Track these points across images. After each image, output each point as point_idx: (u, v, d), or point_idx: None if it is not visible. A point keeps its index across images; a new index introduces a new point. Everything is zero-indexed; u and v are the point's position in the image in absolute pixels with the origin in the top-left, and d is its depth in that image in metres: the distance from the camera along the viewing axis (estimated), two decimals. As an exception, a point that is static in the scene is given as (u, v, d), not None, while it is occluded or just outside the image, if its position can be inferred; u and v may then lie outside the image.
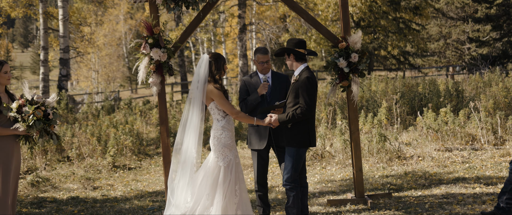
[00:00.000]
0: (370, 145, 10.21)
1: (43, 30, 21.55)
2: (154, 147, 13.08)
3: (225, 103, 5.78)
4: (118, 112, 17.77)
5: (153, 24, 7.03)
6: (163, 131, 7.30)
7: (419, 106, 13.28)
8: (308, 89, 5.86)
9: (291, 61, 6.09)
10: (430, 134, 10.84)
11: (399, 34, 30.72)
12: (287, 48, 6.08)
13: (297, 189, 5.99)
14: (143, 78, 7.06)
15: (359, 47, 7.14)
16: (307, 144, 5.99)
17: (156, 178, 10.39)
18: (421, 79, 21.59)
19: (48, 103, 6.06)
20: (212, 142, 5.83)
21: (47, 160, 11.43)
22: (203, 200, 5.71)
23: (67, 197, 8.93)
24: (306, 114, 5.85)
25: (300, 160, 6.02)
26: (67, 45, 21.03)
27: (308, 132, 5.97)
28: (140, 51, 7.07)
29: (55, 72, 47.29)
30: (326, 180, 9.16)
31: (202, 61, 5.88)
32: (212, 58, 5.85)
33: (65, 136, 12.52)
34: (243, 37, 24.53)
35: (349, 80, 7.25)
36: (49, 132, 5.99)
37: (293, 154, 5.97)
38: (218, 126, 5.84)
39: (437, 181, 8.45)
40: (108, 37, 42.09)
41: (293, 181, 5.99)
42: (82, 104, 25.52)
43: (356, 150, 7.41)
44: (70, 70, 22.36)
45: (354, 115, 7.43)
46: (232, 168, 5.79)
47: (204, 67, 5.82)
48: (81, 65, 41.80)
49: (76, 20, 26.26)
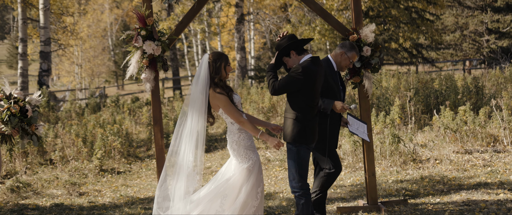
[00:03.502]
0: (382, 147, 10.20)
1: (22, 20, 21.54)
2: (144, 149, 13.06)
3: (232, 111, 5.75)
4: (104, 110, 17.74)
5: (146, 14, 6.99)
6: (156, 131, 7.27)
7: (435, 104, 13.25)
8: (291, 75, 5.80)
9: (294, 58, 5.99)
10: (447, 135, 10.82)
11: (412, 25, 30.66)
12: (286, 47, 5.98)
13: (308, 196, 5.96)
14: (133, 74, 7.01)
15: (371, 40, 7.13)
16: (303, 140, 5.90)
17: (148, 183, 10.37)
18: (436, 74, 21.59)
19: (30, 100, 6.03)
20: (232, 147, 5.83)
21: (28, 163, 11.41)
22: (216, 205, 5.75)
23: (50, 204, 8.90)
24: (270, 89, 5.85)
25: (303, 162, 5.94)
26: (48, 37, 21.00)
27: (305, 129, 5.89)
28: (132, 44, 7.02)
29: (34, 66, 47.18)
30: (335, 185, 9.14)
31: (202, 61, 5.87)
32: (211, 58, 5.82)
33: (48, 137, 12.49)
34: (241, 28, 24.51)
35: (361, 76, 7.23)
36: (28, 132, 5.96)
37: (293, 156, 5.94)
38: (233, 129, 5.83)
39: (456, 186, 8.44)
40: (92, 28, 42.03)
41: (301, 187, 5.95)
42: (64, 102, 25.51)
43: (368, 152, 7.39)
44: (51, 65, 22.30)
45: (366, 113, 7.41)
46: (254, 169, 5.82)
47: (204, 69, 5.81)
48: (63, 59, 41.72)
49: (57, 10, 26.23)
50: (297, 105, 5.87)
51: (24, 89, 22.05)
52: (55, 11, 25.96)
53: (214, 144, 13.45)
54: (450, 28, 33.36)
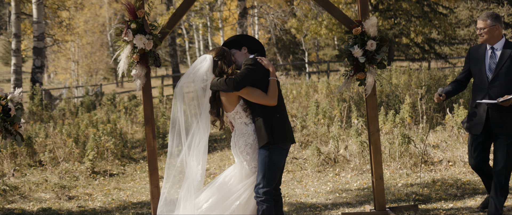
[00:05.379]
0: (391, 148, 10.06)
1: (15, 15, 21.40)
2: (140, 150, 12.89)
3: (258, 95, 5.70)
4: (99, 108, 17.59)
5: (136, 6, 6.79)
6: (148, 131, 7.06)
7: (448, 102, 13.13)
8: (247, 66, 5.72)
9: (244, 53, 6.00)
10: (461, 135, 10.68)
11: (424, 19, 30.43)
12: (243, 37, 6.06)
13: (271, 202, 5.74)
14: (124, 70, 6.83)
15: (374, 33, 6.92)
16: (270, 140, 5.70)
17: (142, 186, 10.19)
18: (449, 70, 21.39)
19: (12, 98, 5.87)
20: (245, 151, 5.74)
21: (17, 164, 11.24)
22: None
23: (37, 208, 8.73)
24: (231, 84, 5.66)
25: (274, 166, 5.71)
26: (42, 32, 20.85)
27: (271, 127, 5.71)
28: (122, 38, 6.83)
29: (29, 63, 47.18)
30: (340, 189, 8.98)
31: (204, 62, 5.77)
32: (218, 56, 5.79)
33: (38, 137, 12.33)
34: (244, 23, 24.32)
35: (365, 72, 7.03)
36: (10, 131, 5.81)
37: (263, 158, 5.72)
38: (248, 130, 5.75)
39: (471, 190, 8.29)
40: (90, 24, 41.92)
41: (265, 193, 5.71)
42: (59, 100, 25.38)
43: (376, 154, 7.20)
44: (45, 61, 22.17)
45: (373, 112, 7.21)
46: None
47: (207, 68, 5.74)
48: (59, 55, 41.65)
49: (52, 4, 26.11)
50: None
51: (18, 87, 21.91)
52: (50, 6, 25.84)
53: (213, 145, 13.26)
54: (464, 22, 33.12)
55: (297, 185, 9.47)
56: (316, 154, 10.23)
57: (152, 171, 6.92)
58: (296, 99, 17.07)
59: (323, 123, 12.40)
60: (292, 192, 8.98)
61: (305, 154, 11.20)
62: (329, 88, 17.00)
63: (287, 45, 45.21)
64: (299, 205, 8.17)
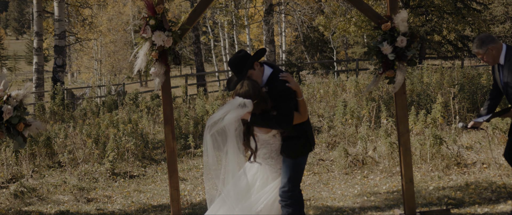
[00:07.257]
0: (422, 149, 9.95)
1: (37, 13, 21.60)
2: (161, 151, 12.86)
3: (295, 118, 5.73)
4: (121, 108, 17.62)
5: (155, 1, 6.72)
6: (168, 132, 6.98)
7: (482, 101, 12.93)
8: (286, 93, 5.65)
9: (257, 69, 5.76)
10: (496, 136, 10.53)
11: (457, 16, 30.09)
12: (252, 57, 5.81)
13: (296, 206, 5.75)
14: (141, 68, 6.76)
15: (405, 29, 6.76)
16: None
17: (163, 188, 10.14)
18: (483, 69, 21.11)
19: (16, 96, 5.80)
20: (270, 157, 5.81)
21: (35, 165, 11.27)
22: None
23: (55, 211, 8.74)
24: (286, 121, 5.66)
25: (300, 169, 5.82)
26: (64, 31, 21.01)
27: (307, 138, 5.94)
28: (140, 35, 6.76)
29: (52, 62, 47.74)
30: (369, 192, 8.86)
31: (245, 108, 5.63)
32: (254, 97, 5.58)
33: (57, 138, 12.36)
34: (270, 20, 24.24)
35: (395, 70, 6.87)
36: (12, 133, 5.75)
37: (290, 162, 5.77)
38: (275, 141, 5.78)
39: (506, 194, 8.12)
40: (113, 22, 42.23)
41: (290, 196, 5.73)
42: (82, 100, 25.55)
43: (406, 155, 7.04)
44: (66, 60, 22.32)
45: (403, 112, 7.05)
46: None
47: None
48: (82, 54, 42.03)
49: (75, 1, 26.28)
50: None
51: (40, 86, 22.12)
52: (72, 3, 26.03)
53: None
54: (499, 19, 32.69)
55: (324, 187, 9.35)
56: (344, 156, 10.12)
57: (172, 173, 6.84)
58: (323, 98, 16.96)
59: (351, 123, 12.28)
60: (318, 195, 8.86)
61: (332, 155, 11.08)
62: (358, 87, 16.86)
63: (314, 43, 45.11)
64: (325, 208, 8.05)
